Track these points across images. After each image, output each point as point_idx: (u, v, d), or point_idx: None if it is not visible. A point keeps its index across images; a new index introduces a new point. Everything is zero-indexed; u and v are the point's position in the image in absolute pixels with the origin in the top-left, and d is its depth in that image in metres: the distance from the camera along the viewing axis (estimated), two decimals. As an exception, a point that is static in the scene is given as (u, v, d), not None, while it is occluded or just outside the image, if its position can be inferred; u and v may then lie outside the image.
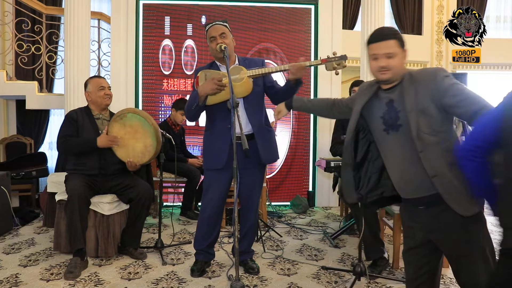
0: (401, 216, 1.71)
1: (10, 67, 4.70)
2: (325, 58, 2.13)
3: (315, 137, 4.55)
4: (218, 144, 2.27)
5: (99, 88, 2.68)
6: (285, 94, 2.30)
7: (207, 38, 2.31)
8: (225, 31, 2.25)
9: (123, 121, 2.56)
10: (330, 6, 4.57)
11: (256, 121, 2.29)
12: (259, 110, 2.35)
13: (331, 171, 3.01)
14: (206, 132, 2.39)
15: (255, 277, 2.34)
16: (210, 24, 2.29)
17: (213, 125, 2.32)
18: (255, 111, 2.30)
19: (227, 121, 2.21)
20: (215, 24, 2.27)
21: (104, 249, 2.62)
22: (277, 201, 4.46)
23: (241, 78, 2.18)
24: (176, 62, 4.38)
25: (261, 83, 2.36)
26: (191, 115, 2.30)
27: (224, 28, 2.26)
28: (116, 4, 4.33)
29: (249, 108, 2.27)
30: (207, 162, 2.36)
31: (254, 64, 2.32)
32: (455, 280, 2.29)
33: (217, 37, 2.23)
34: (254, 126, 2.27)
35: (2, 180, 3.32)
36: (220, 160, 2.26)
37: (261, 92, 2.36)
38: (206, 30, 2.30)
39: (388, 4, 7.46)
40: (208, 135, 2.35)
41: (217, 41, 2.21)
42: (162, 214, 3.17)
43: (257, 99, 2.33)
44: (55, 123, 5.56)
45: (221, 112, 2.25)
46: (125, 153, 2.60)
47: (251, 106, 2.28)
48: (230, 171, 2.28)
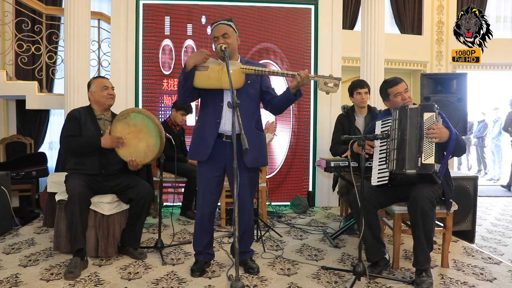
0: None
1: (10, 67, 4.71)
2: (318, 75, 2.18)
3: (315, 137, 4.55)
4: (204, 136, 2.27)
5: (103, 88, 2.68)
6: (282, 104, 2.30)
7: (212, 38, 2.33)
8: (227, 31, 2.25)
9: (127, 121, 2.56)
10: (330, 6, 4.57)
11: (246, 123, 2.21)
12: (251, 113, 2.31)
13: (331, 171, 3.01)
14: (196, 124, 2.40)
15: (255, 277, 2.34)
16: (214, 24, 2.30)
17: (204, 119, 2.32)
18: (246, 113, 2.25)
19: (216, 115, 2.24)
20: (219, 24, 2.27)
21: (104, 249, 2.62)
22: (277, 201, 4.46)
23: (233, 69, 2.16)
24: (176, 62, 4.38)
25: (257, 87, 2.33)
26: (180, 93, 2.26)
27: (227, 28, 2.26)
28: (116, 4, 4.33)
29: (241, 110, 2.17)
30: (191, 152, 2.37)
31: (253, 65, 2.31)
32: (455, 280, 2.30)
33: (220, 38, 2.23)
34: (243, 128, 2.14)
35: (2, 180, 3.32)
36: (203, 152, 2.26)
37: (256, 96, 2.34)
38: (211, 30, 2.31)
39: (388, 4, 7.46)
40: (198, 126, 2.35)
41: (219, 42, 2.22)
42: (162, 214, 3.18)
43: (251, 101, 2.31)
44: (55, 123, 5.57)
45: (214, 105, 2.26)
46: (127, 152, 2.59)
47: (244, 108, 2.22)
48: (216, 167, 2.30)
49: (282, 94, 2.29)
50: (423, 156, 2.19)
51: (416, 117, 2.26)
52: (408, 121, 2.27)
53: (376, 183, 2.34)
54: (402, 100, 2.41)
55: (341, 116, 3.41)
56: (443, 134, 2.19)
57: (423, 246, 2.19)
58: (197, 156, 2.32)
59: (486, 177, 8.18)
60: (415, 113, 2.27)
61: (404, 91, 2.42)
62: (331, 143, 3.40)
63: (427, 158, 2.18)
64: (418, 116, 2.26)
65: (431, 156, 2.18)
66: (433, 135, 2.18)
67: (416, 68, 7.58)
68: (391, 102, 2.47)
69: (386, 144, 2.36)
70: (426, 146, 2.20)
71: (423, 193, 2.19)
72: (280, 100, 2.31)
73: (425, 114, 2.24)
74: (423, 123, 2.23)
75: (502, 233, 3.73)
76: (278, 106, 2.34)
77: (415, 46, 7.49)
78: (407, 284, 2.22)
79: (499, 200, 5.60)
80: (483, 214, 4.54)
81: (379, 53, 4.22)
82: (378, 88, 4.18)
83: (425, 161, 2.18)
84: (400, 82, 2.45)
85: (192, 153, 2.37)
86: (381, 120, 2.45)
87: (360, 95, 3.25)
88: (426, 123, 2.23)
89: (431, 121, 2.22)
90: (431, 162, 2.17)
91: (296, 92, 2.21)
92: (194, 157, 2.36)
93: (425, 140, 2.21)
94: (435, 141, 2.18)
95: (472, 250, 2.92)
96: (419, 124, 2.24)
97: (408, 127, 2.26)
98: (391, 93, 2.45)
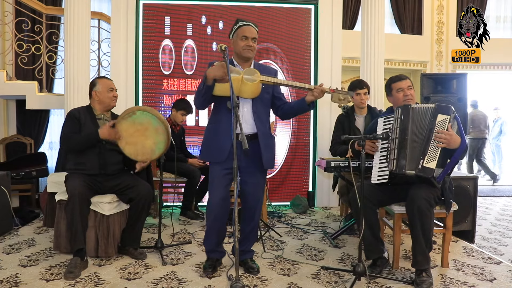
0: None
1: (10, 67, 4.71)
2: (333, 88, 2.26)
3: (315, 137, 4.55)
4: (222, 139, 2.29)
5: (109, 89, 2.70)
6: (294, 111, 2.41)
7: (234, 33, 2.34)
8: (256, 37, 2.33)
9: (132, 119, 2.56)
10: (330, 6, 4.57)
11: (262, 125, 2.34)
12: (266, 116, 2.41)
13: (331, 171, 3.00)
14: (210, 125, 2.41)
15: (255, 277, 2.34)
16: (245, 23, 2.32)
17: (218, 120, 2.35)
18: (261, 116, 2.36)
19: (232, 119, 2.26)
20: (250, 25, 2.32)
21: (104, 249, 2.62)
22: (277, 201, 4.46)
23: (253, 80, 2.24)
24: (176, 62, 4.38)
25: (270, 91, 2.43)
26: (199, 100, 2.30)
27: (256, 33, 2.34)
28: (116, 4, 4.33)
29: (257, 112, 2.33)
30: (207, 155, 2.39)
31: (267, 72, 2.38)
32: (455, 280, 2.30)
33: (249, 39, 2.29)
34: (259, 129, 2.32)
35: (2, 180, 3.32)
36: (222, 154, 2.29)
37: (269, 100, 2.44)
38: (238, 26, 2.32)
39: (388, 4, 7.47)
40: (212, 128, 2.37)
41: (248, 43, 2.28)
42: (162, 214, 3.18)
43: (265, 106, 2.41)
44: (55, 123, 5.57)
45: (226, 107, 2.27)
46: (134, 150, 2.59)
47: (259, 110, 2.34)
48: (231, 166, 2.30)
49: (296, 102, 2.38)
50: (425, 159, 2.16)
51: (426, 117, 2.22)
52: (410, 121, 2.26)
53: (376, 181, 2.33)
54: (404, 96, 2.42)
55: (341, 116, 3.41)
56: (453, 141, 2.12)
57: (421, 246, 2.19)
58: (216, 158, 2.33)
59: (486, 177, 8.18)
60: (425, 113, 2.24)
61: (407, 87, 2.43)
62: (331, 143, 3.40)
63: (429, 162, 2.15)
64: (430, 116, 2.21)
65: (434, 160, 2.14)
66: (442, 139, 2.13)
67: (416, 68, 7.59)
68: (393, 97, 2.48)
69: (388, 142, 2.35)
70: (431, 149, 2.16)
71: (421, 193, 2.18)
72: (292, 107, 2.40)
73: (439, 115, 2.18)
74: (434, 125, 2.18)
75: (502, 233, 3.73)
76: (289, 112, 2.44)
77: (415, 46, 7.50)
78: (407, 284, 2.22)
79: (499, 200, 5.60)
80: (483, 214, 4.54)
81: (379, 53, 4.22)
82: (378, 88, 4.22)
83: (426, 164, 2.15)
84: (404, 78, 2.48)
85: (206, 155, 2.40)
86: (383, 118, 2.45)
87: (359, 96, 3.24)
88: (437, 125, 2.17)
89: (443, 124, 2.16)
90: (432, 166, 2.14)
91: (310, 103, 2.29)
92: (208, 158, 2.39)
93: (432, 142, 2.16)
94: (442, 146, 2.14)
95: (472, 250, 2.92)
96: (430, 125, 2.19)
97: (410, 126, 2.25)
98: (393, 88, 2.47)
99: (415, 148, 2.22)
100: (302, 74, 4.53)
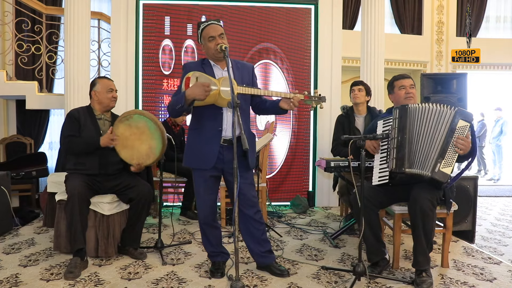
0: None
1: (10, 67, 4.71)
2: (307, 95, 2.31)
3: (315, 137, 4.55)
4: (207, 144, 2.23)
5: (108, 90, 2.69)
6: (270, 111, 2.41)
7: (201, 37, 2.26)
8: (223, 32, 2.24)
9: (129, 122, 2.56)
10: (330, 6, 4.57)
11: (245, 125, 2.26)
12: (248, 115, 2.37)
13: (331, 171, 3.00)
14: (192, 130, 2.33)
15: (255, 277, 2.34)
16: (206, 23, 2.24)
17: (201, 124, 2.27)
18: (245, 115, 2.31)
19: (217, 122, 2.20)
20: (213, 23, 2.24)
21: (104, 249, 2.62)
22: (277, 201, 4.46)
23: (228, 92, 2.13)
24: (176, 62, 4.38)
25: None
26: (173, 114, 2.25)
27: (222, 29, 2.24)
28: (116, 4, 4.33)
29: (241, 112, 2.18)
30: (194, 162, 2.29)
31: (245, 70, 2.34)
32: (455, 280, 2.30)
33: (217, 37, 2.20)
34: (245, 131, 2.17)
35: (2, 180, 3.32)
36: (209, 161, 2.22)
37: (249, 97, 2.37)
38: (202, 29, 2.24)
39: (388, 4, 7.47)
40: (195, 134, 2.29)
41: (216, 41, 2.19)
42: (162, 214, 3.17)
43: (247, 104, 2.36)
44: (55, 123, 5.58)
45: (209, 111, 2.23)
46: (129, 154, 2.59)
47: (243, 110, 2.25)
48: (215, 169, 2.27)
49: (273, 103, 2.34)
50: (443, 163, 2.11)
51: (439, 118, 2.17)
52: (408, 120, 2.25)
53: (377, 182, 2.33)
54: (405, 93, 2.43)
55: (341, 117, 3.41)
56: (468, 148, 2.11)
57: (422, 247, 2.19)
58: (203, 164, 2.25)
59: (486, 177, 8.18)
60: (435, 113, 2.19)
61: (409, 86, 2.44)
62: (332, 144, 3.40)
63: (445, 167, 2.11)
64: (449, 118, 2.15)
65: (450, 166, 2.11)
66: (461, 146, 2.10)
67: (416, 68, 7.59)
68: (395, 94, 2.49)
69: (387, 143, 2.35)
70: (449, 154, 2.12)
71: (424, 194, 2.18)
72: (269, 108, 2.38)
73: (460, 121, 2.13)
74: (455, 128, 2.13)
75: (502, 233, 3.73)
76: (265, 110, 2.41)
77: (415, 46, 7.50)
78: (407, 284, 2.22)
79: (499, 200, 5.60)
80: (483, 214, 4.54)
81: (379, 53, 4.22)
82: (378, 88, 4.22)
83: (443, 168, 2.11)
84: (407, 77, 2.51)
85: (191, 162, 2.30)
86: (382, 120, 2.45)
87: (353, 92, 3.31)
88: (458, 130, 2.13)
89: (463, 130, 2.13)
90: (448, 172, 2.11)
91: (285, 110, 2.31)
92: (193, 165, 2.29)
93: (451, 147, 2.12)
94: (460, 152, 2.11)
95: (472, 250, 2.92)
96: (450, 128, 2.13)
97: (409, 125, 2.25)
98: (396, 85, 2.49)
99: (423, 147, 2.18)
100: (302, 74, 4.53)
